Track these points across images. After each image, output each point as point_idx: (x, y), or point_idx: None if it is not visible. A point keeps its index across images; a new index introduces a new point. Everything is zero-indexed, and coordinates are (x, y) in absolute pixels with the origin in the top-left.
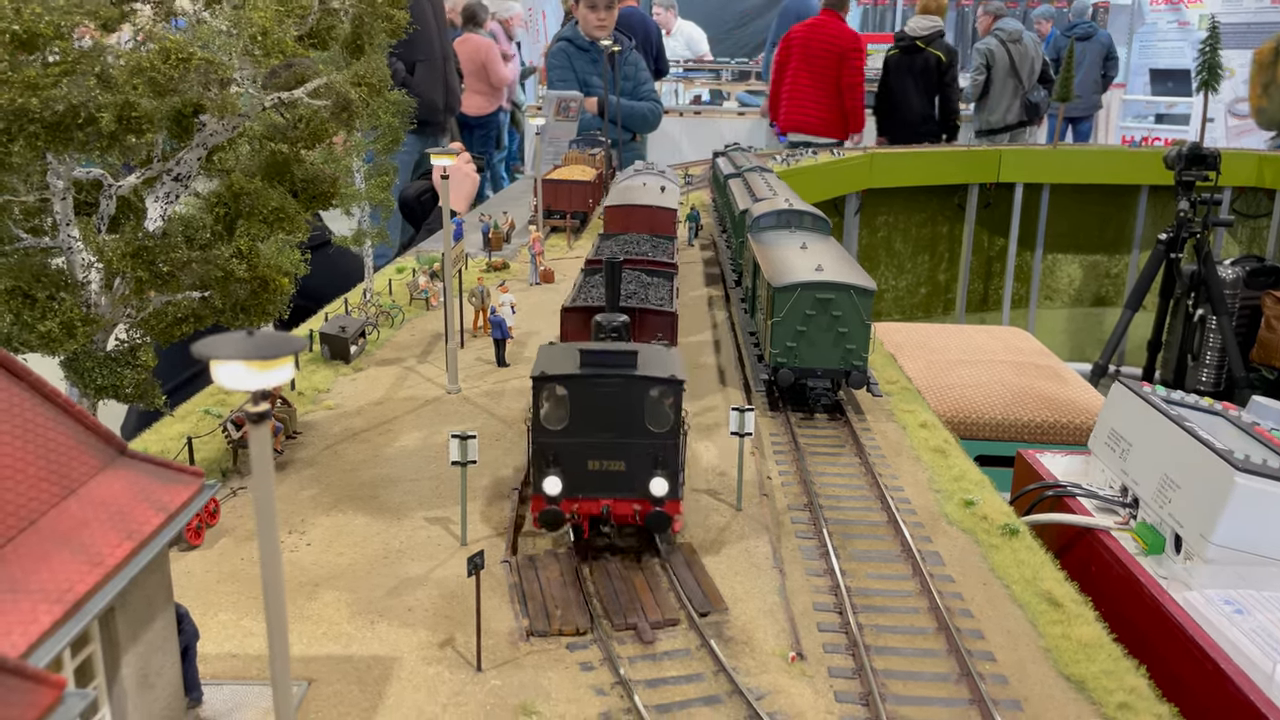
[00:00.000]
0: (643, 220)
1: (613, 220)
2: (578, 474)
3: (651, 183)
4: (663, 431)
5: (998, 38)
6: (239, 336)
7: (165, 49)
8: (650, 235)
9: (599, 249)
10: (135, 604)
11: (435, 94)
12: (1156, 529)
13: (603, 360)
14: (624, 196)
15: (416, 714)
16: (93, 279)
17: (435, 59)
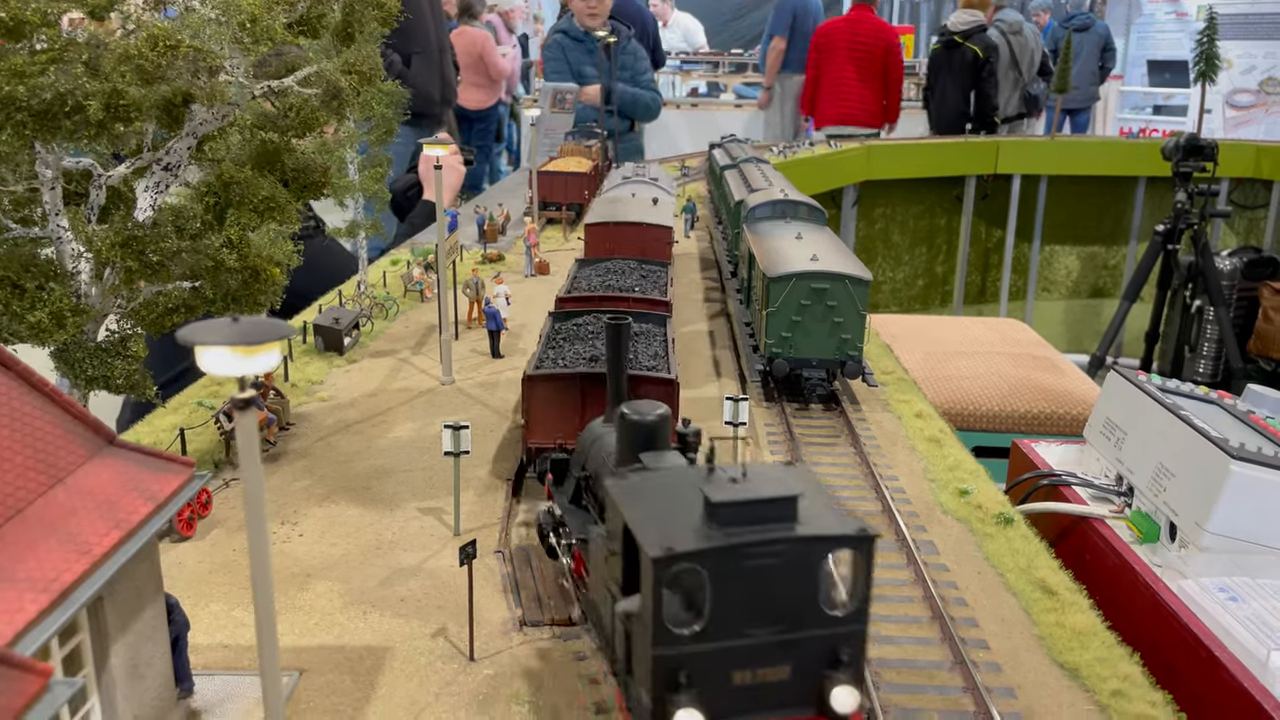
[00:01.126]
0: (631, 241)
1: (594, 241)
2: (717, 694)
3: (642, 193)
4: (846, 615)
5: (998, 29)
6: (224, 323)
7: (153, 36)
8: (640, 261)
9: (573, 282)
10: (124, 593)
11: (431, 86)
12: (1151, 517)
13: (749, 515)
14: (608, 212)
15: (409, 704)
16: (82, 269)
17: (431, 51)
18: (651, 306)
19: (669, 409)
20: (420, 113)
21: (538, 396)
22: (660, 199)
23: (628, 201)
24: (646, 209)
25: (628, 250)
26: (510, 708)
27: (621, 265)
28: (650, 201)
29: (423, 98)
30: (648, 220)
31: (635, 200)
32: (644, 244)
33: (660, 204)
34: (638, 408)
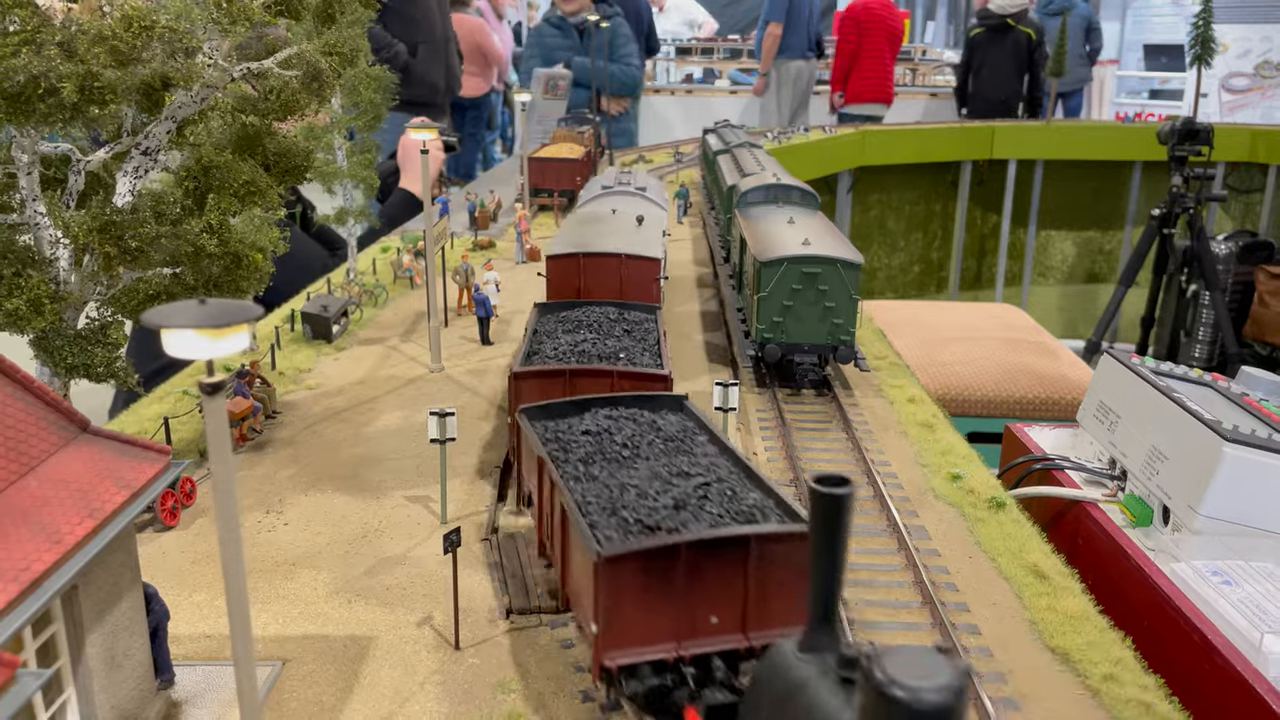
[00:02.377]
0: (608, 277)
1: (560, 279)
2: None
3: (625, 207)
4: None
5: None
6: (191, 305)
7: (127, 17)
8: (619, 307)
9: (533, 343)
10: (99, 583)
11: (436, 76)
12: (1144, 501)
13: None
14: (578, 237)
15: (393, 693)
16: (61, 255)
17: (437, 41)
18: (646, 383)
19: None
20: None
21: (620, 585)
22: (647, 216)
23: (605, 221)
24: (628, 232)
25: (603, 289)
26: (496, 696)
27: (596, 314)
28: (633, 221)
29: (428, 87)
30: (629, 250)
31: (615, 219)
32: (624, 281)
33: (647, 224)
34: (906, 672)
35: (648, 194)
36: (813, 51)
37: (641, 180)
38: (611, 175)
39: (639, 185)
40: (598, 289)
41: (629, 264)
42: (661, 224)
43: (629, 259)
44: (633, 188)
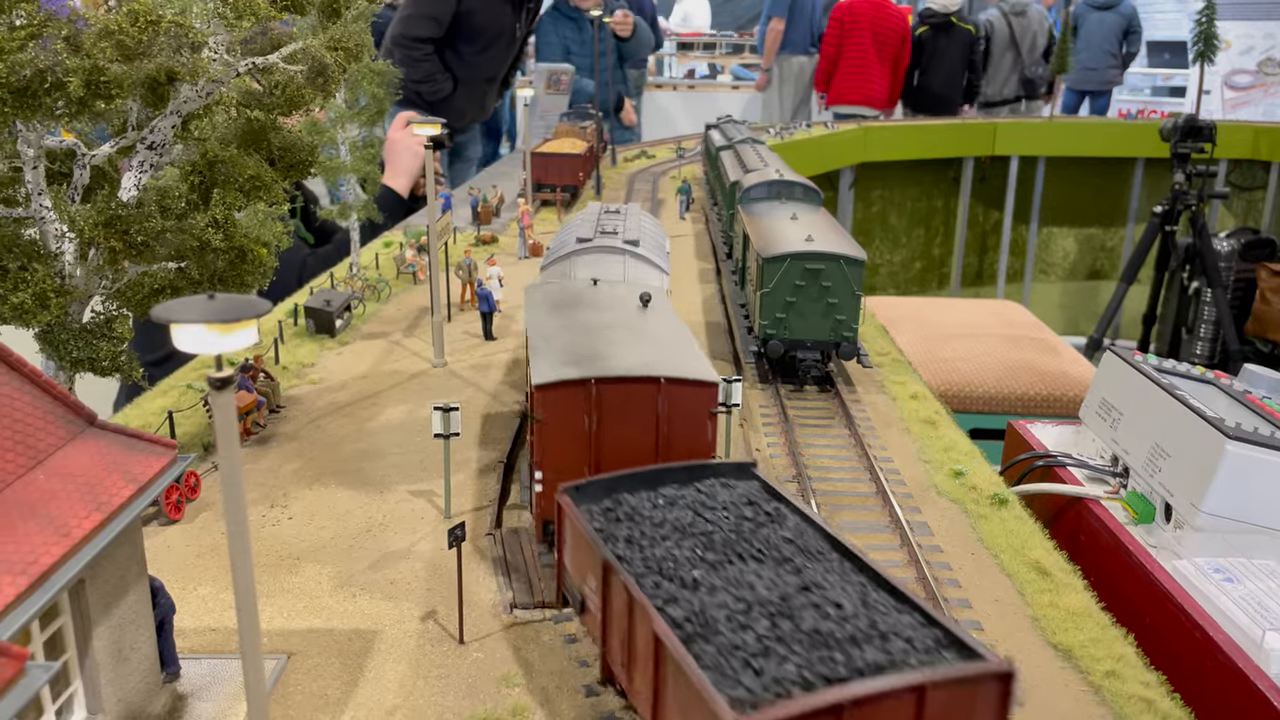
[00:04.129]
0: (637, 419)
1: (558, 425)
2: None
3: (608, 269)
4: None
5: (1000, 9)
6: (200, 300)
7: (133, 11)
8: (690, 475)
9: None
10: (107, 577)
11: (469, 110)
12: (1147, 498)
13: None
14: (573, 348)
15: (397, 687)
16: (66, 250)
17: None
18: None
19: None
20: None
21: None
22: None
23: (592, 308)
24: (638, 330)
25: (631, 440)
26: (500, 690)
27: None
28: (635, 305)
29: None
30: (672, 371)
31: (609, 304)
32: (664, 422)
33: (657, 308)
34: None
35: (640, 249)
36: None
37: (633, 224)
38: (592, 217)
39: (629, 237)
40: (623, 440)
41: (673, 393)
42: (664, 281)
43: (672, 386)
44: (621, 241)
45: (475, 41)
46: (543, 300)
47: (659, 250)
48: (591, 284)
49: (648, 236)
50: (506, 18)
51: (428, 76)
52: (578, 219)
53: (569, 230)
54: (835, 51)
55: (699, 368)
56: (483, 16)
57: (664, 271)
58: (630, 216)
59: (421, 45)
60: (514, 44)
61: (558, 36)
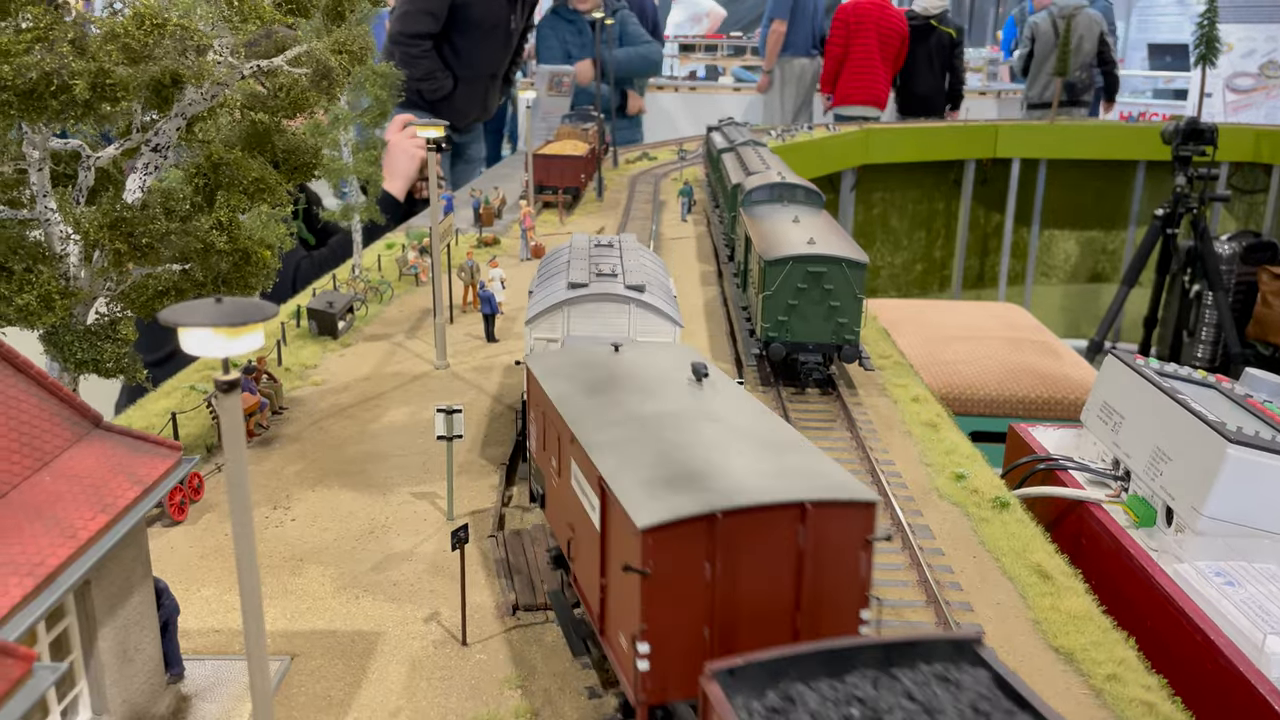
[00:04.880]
0: (772, 562)
1: (669, 582)
2: None
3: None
4: None
5: (1050, 13)
6: (207, 303)
7: (139, 14)
8: None
9: None
10: (112, 578)
11: (471, 108)
12: (1148, 501)
13: None
14: (650, 464)
15: (400, 688)
16: (71, 251)
17: (481, 79)
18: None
19: None
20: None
21: None
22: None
23: (631, 384)
24: (722, 427)
25: (766, 590)
26: (503, 692)
27: None
28: (688, 382)
29: (458, 114)
30: (815, 493)
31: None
32: (808, 564)
33: (717, 386)
34: None
35: (646, 296)
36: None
37: (632, 263)
38: (581, 253)
39: (632, 281)
40: (754, 591)
41: (821, 522)
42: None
43: (821, 512)
44: (622, 286)
45: (472, 35)
46: (562, 375)
47: (666, 295)
48: (612, 350)
49: (651, 279)
50: (502, 9)
51: (428, 74)
52: (563, 254)
53: (554, 270)
54: (842, 53)
55: (843, 481)
56: (478, 9)
57: (676, 324)
58: (627, 253)
59: (420, 42)
60: (511, 38)
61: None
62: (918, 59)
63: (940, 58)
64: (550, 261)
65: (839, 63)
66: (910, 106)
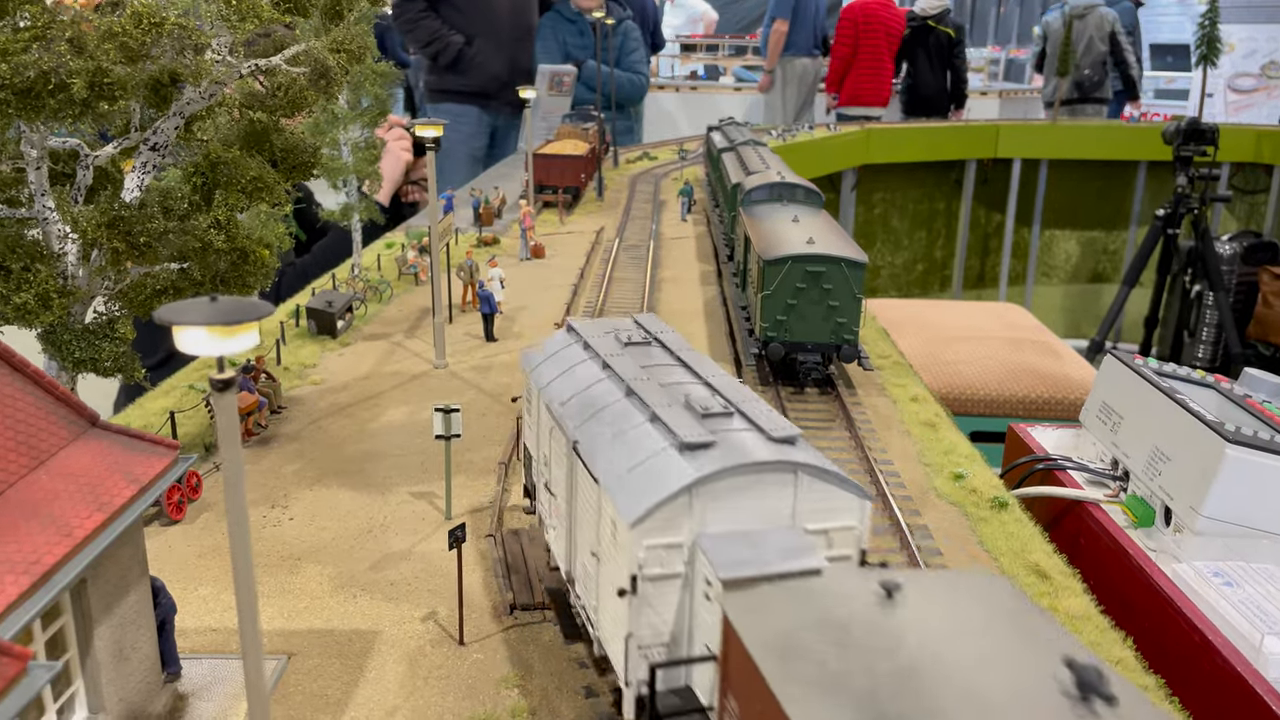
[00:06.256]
0: None
1: None
2: None
3: (772, 499)
4: None
5: (1063, 11)
6: (202, 302)
7: (137, 13)
8: None
9: None
10: (108, 576)
11: (496, 67)
12: (1146, 501)
13: None
14: None
15: (397, 687)
16: (69, 250)
17: (500, 33)
18: None
19: None
20: (483, 92)
21: None
22: (848, 532)
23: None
24: None
25: None
26: (500, 691)
27: None
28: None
29: (487, 77)
30: None
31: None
32: None
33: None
34: None
35: (814, 457)
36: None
37: (721, 379)
38: (629, 369)
39: (776, 428)
40: None
41: None
42: None
43: None
44: (769, 444)
45: None
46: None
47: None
48: (880, 599)
49: (763, 409)
50: None
51: (433, 36)
52: (587, 372)
53: (592, 406)
54: (850, 53)
55: None
56: None
57: (864, 497)
58: (691, 359)
59: (412, 4)
60: None
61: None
62: (919, 60)
63: (940, 58)
64: (563, 385)
65: (846, 63)
66: (914, 107)
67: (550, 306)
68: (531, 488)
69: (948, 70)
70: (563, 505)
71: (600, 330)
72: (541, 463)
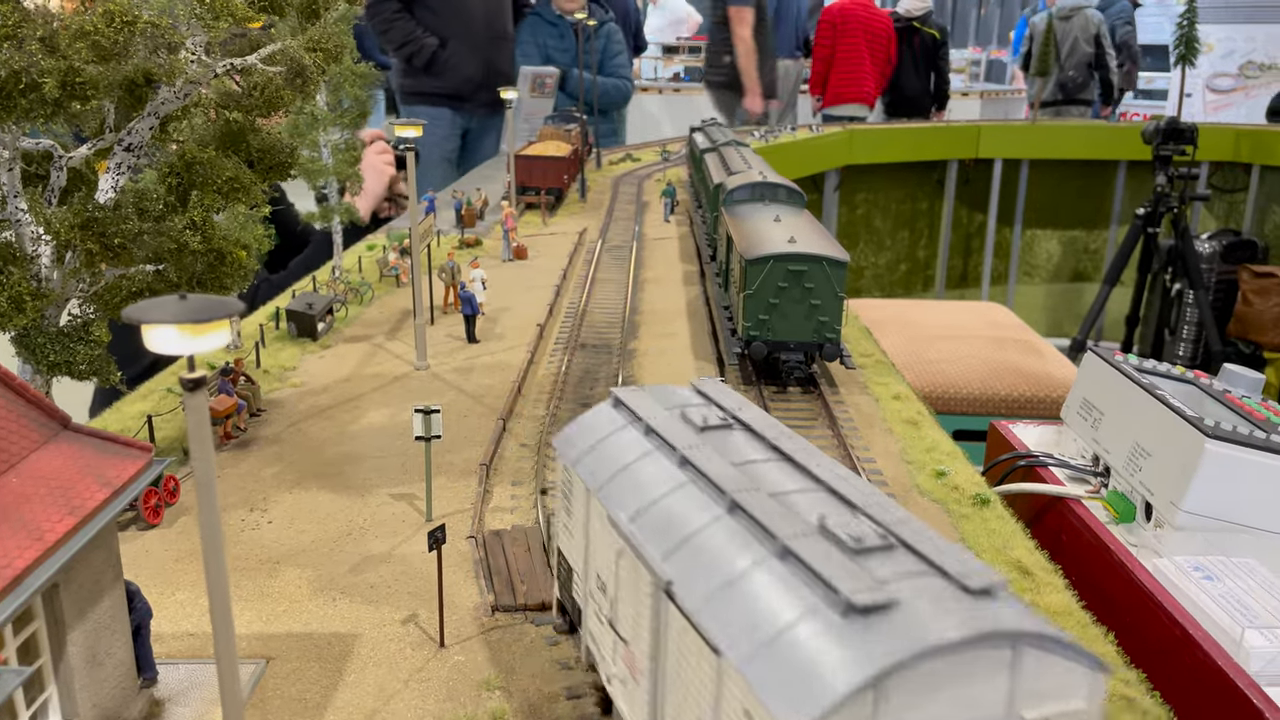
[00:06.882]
0: None
1: None
2: None
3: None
4: None
5: (1050, 13)
6: (171, 300)
7: (109, 12)
8: None
9: None
10: (81, 581)
11: (470, 69)
12: (1127, 497)
13: None
14: None
15: (377, 691)
16: (43, 252)
17: (474, 35)
18: None
19: None
20: (458, 95)
21: None
22: None
23: None
24: None
25: None
26: (481, 694)
27: None
28: None
29: (461, 79)
30: None
31: None
32: None
33: None
34: None
35: (1041, 624)
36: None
37: (879, 507)
38: (731, 481)
39: (971, 575)
40: None
41: None
42: None
43: None
44: (990, 612)
45: None
46: None
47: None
48: None
49: (934, 540)
50: None
51: (407, 37)
52: (707, 511)
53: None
54: (829, 53)
55: None
56: None
57: (1096, 669)
58: (797, 450)
59: (386, 4)
60: None
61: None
62: (903, 61)
63: (924, 59)
64: (626, 488)
65: (827, 64)
66: (897, 108)
67: (533, 307)
68: (573, 611)
69: (931, 72)
70: (643, 661)
71: (658, 405)
72: (594, 586)
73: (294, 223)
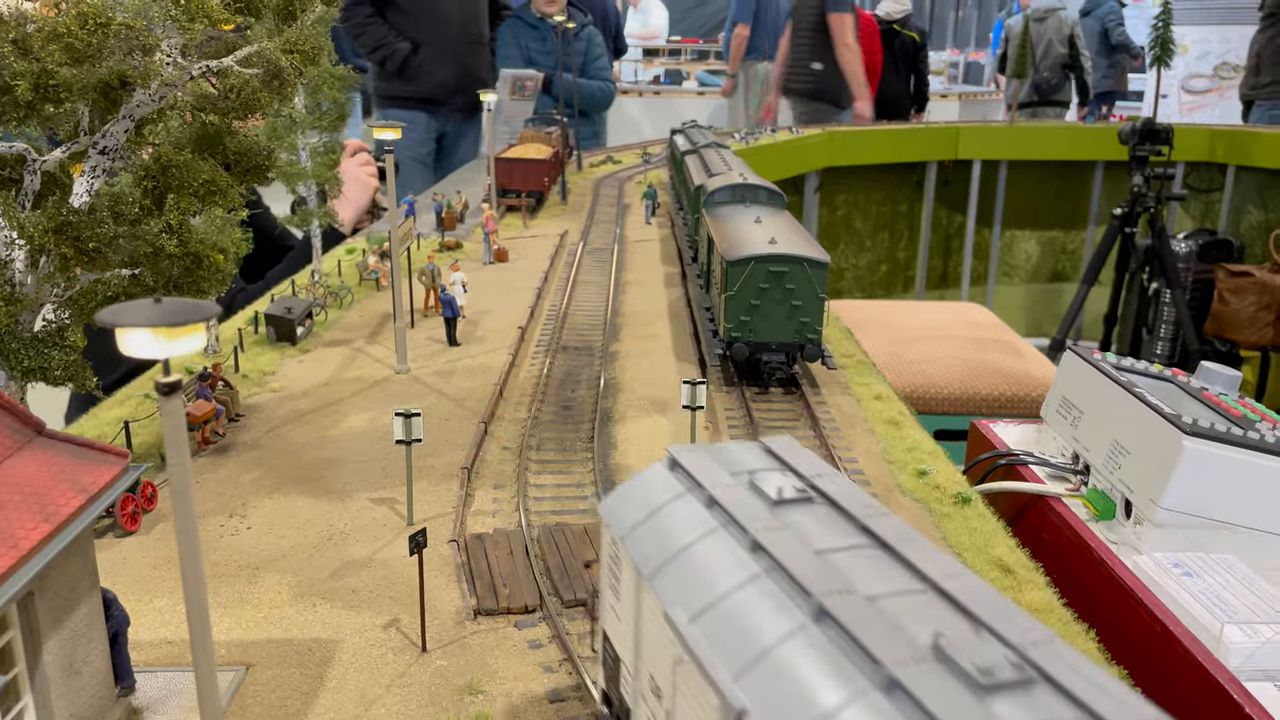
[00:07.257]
0: None
1: None
2: None
3: None
4: None
5: (1025, 15)
6: (145, 303)
7: (83, 13)
8: None
9: None
10: (56, 589)
11: (444, 74)
12: (1107, 494)
13: None
14: None
15: (358, 697)
16: (16, 257)
17: (448, 39)
18: None
19: None
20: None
21: None
22: None
23: None
24: None
25: None
26: (464, 698)
27: None
28: None
29: (434, 84)
30: None
31: None
32: None
33: None
34: None
35: None
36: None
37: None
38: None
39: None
40: None
41: None
42: None
43: None
44: None
45: None
46: None
47: None
48: None
49: (1079, 667)
50: None
51: (380, 41)
52: (788, 619)
53: (810, 675)
54: None
55: None
56: None
57: None
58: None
59: (359, 8)
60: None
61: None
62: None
63: (905, 62)
64: (684, 576)
65: None
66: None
67: (514, 310)
68: (620, 707)
69: (911, 74)
70: None
71: (721, 469)
72: (647, 688)
73: (271, 227)
